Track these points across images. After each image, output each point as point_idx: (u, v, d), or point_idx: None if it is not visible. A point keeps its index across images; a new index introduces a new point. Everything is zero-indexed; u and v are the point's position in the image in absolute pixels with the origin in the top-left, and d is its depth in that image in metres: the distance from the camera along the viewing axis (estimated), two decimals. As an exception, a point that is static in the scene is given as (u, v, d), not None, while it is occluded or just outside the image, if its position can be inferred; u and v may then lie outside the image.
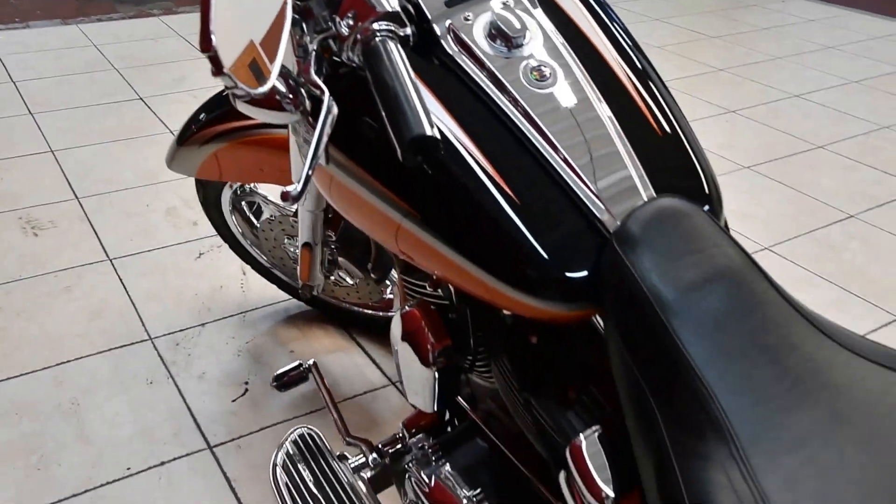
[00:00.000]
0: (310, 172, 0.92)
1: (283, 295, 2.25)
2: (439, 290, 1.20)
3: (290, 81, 0.99)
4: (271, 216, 1.91)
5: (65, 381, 1.94)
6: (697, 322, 0.80)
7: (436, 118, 0.95)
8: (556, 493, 1.11)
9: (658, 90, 1.03)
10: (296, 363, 1.57)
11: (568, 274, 0.89)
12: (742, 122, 3.55)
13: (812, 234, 2.69)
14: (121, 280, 2.32)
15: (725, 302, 0.82)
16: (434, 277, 1.20)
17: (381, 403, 1.90)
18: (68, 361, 2.00)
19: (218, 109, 1.72)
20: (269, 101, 1.02)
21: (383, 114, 0.86)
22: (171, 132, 3.21)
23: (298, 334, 2.12)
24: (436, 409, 1.17)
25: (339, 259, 1.77)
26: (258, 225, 1.98)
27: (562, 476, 0.94)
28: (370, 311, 2.08)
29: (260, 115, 1.02)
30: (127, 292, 2.26)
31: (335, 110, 0.95)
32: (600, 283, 0.88)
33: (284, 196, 0.91)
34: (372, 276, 1.71)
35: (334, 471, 1.39)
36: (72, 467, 1.71)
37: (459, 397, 1.27)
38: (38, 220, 2.60)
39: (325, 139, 0.94)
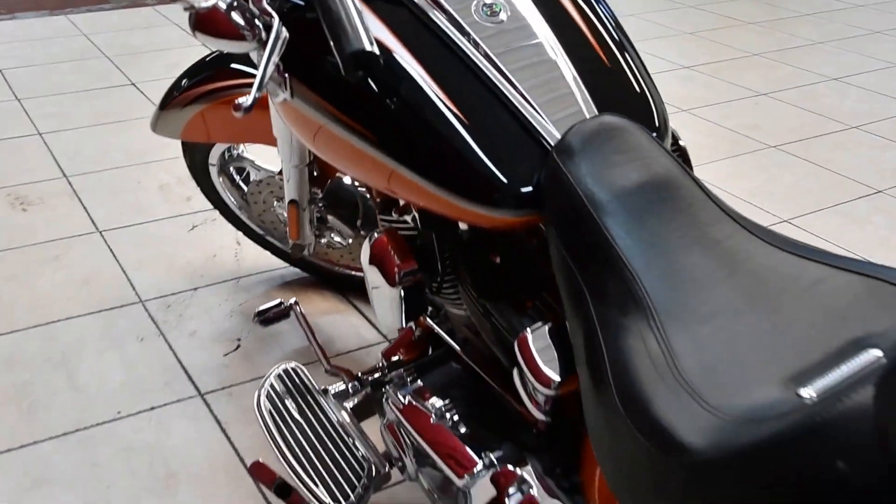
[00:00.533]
0: (258, 95, 1.18)
1: (279, 263, 2.50)
2: (406, 219, 1.45)
3: (247, 13, 1.26)
4: (259, 179, 2.17)
5: (55, 337, 2.20)
6: (627, 220, 1.03)
7: (392, 47, 1.20)
8: (518, 398, 1.34)
9: (610, 30, 1.29)
10: (277, 301, 1.81)
11: (514, 184, 1.13)
12: (772, 104, 3.79)
13: (835, 209, 2.92)
14: (111, 250, 2.58)
15: (655, 203, 1.05)
16: (401, 204, 1.46)
17: (375, 356, 2.14)
18: (59, 321, 2.26)
19: (201, 73, 2.00)
20: (228, 32, 1.29)
21: (326, 32, 1.12)
22: (164, 115, 3.49)
23: (290, 292, 2.36)
24: (403, 325, 1.42)
25: (329, 217, 2.03)
26: (247, 188, 2.24)
27: (515, 372, 1.17)
28: (359, 274, 2.32)
29: (218, 45, 1.30)
30: (117, 261, 2.53)
31: (284, 34, 1.22)
32: (543, 192, 1.12)
33: (236, 107, 1.18)
34: (361, 232, 1.96)
35: (318, 402, 1.63)
36: (62, 411, 1.96)
37: (436, 326, 1.51)
38: (27, 196, 2.88)
39: (274, 59, 1.21)
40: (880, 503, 0.66)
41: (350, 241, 2.15)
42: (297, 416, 1.61)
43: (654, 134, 1.20)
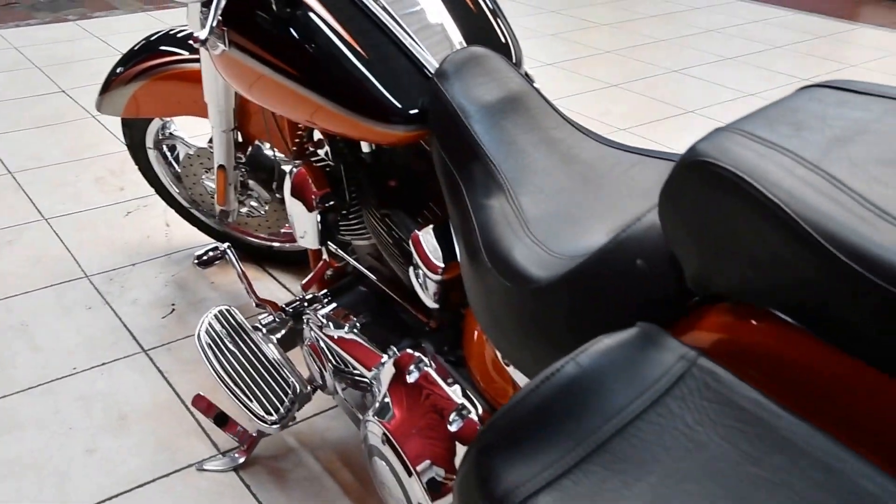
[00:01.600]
0: (213, 25, 1.36)
1: (204, 239, 2.64)
2: (320, 152, 1.64)
3: None
4: (191, 153, 2.31)
5: (13, 309, 2.31)
6: (491, 126, 1.25)
7: (309, 2, 1.38)
8: (420, 309, 1.54)
9: None
10: (213, 244, 1.96)
11: (405, 105, 1.33)
12: (621, 94, 4.06)
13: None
14: (57, 234, 2.69)
15: (512, 113, 1.27)
16: (314, 139, 1.64)
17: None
18: (15, 295, 2.37)
19: (134, 57, 2.15)
20: None
21: None
22: (93, 117, 3.57)
23: (217, 269, 2.51)
24: (319, 244, 1.59)
25: (249, 182, 2.19)
26: (180, 162, 2.38)
27: (411, 270, 1.38)
28: (278, 244, 2.48)
29: None
30: (63, 243, 2.63)
31: None
32: (427, 110, 1.32)
33: (195, 39, 1.36)
34: (277, 195, 2.12)
35: (249, 335, 1.80)
36: (25, 369, 2.08)
37: (346, 256, 1.70)
38: (-25, 191, 2.95)
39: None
40: (667, 285, 0.87)
41: (267, 207, 2.30)
42: (231, 347, 1.77)
43: (514, 61, 1.43)
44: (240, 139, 2.03)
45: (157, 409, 1.96)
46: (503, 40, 1.45)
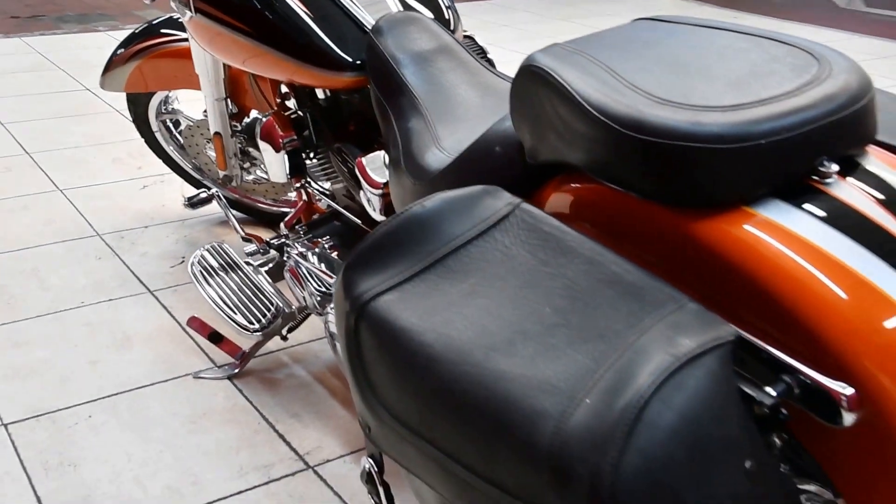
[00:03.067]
0: None
1: (216, 209, 2.99)
2: (288, 104, 2.00)
3: None
4: (191, 124, 2.68)
5: (26, 258, 2.67)
6: (417, 70, 1.65)
7: None
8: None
9: None
10: (202, 189, 2.31)
11: (349, 55, 1.74)
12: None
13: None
14: (71, 202, 3.07)
15: (437, 61, 1.68)
16: (282, 92, 2.01)
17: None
18: (28, 248, 2.74)
19: (134, 39, 2.57)
20: None
21: None
22: (117, 111, 4.00)
23: (229, 230, 2.86)
24: (288, 178, 1.96)
25: (250, 150, 2.54)
26: (181, 132, 2.76)
27: (361, 193, 1.72)
28: (286, 209, 2.82)
29: None
30: (77, 209, 3.01)
31: None
32: (367, 60, 1.71)
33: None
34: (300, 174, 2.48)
35: (238, 264, 2.14)
36: (35, 303, 2.43)
37: (318, 193, 2.05)
38: (-5, 166, 3.36)
39: None
40: (517, 165, 1.21)
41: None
42: (222, 274, 2.11)
43: (448, 27, 1.82)
44: (234, 109, 2.39)
45: (159, 333, 2.28)
46: (440, 7, 1.86)
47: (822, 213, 0.97)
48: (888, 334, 0.90)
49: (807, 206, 0.98)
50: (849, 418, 0.87)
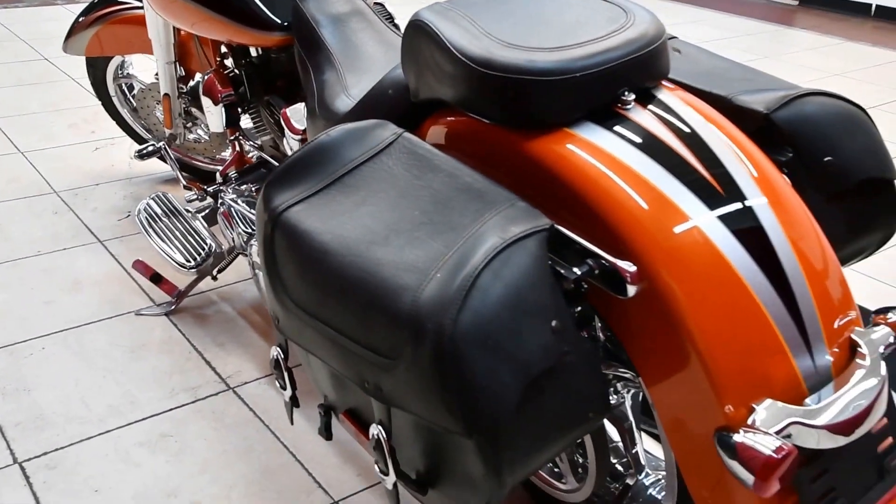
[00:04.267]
0: None
1: (162, 167, 3.15)
2: (227, 63, 2.16)
3: None
4: (143, 87, 2.83)
5: (-11, 212, 2.82)
6: (334, 30, 1.80)
7: None
8: None
9: None
10: (151, 142, 2.47)
11: (278, 17, 1.90)
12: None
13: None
14: (31, 163, 3.20)
15: (351, 22, 1.83)
16: (222, 52, 2.17)
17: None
18: (-9, 203, 2.88)
19: (95, 7, 2.69)
20: None
21: None
22: (73, 79, 4.11)
23: (172, 187, 3.02)
24: (224, 129, 2.12)
25: (192, 110, 2.70)
26: (135, 95, 2.90)
27: (284, 141, 1.89)
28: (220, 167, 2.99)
29: None
30: (36, 169, 3.15)
31: None
32: (293, 22, 1.86)
33: None
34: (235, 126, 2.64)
35: (179, 210, 2.31)
36: (-3, 252, 2.59)
37: (251, 147, 2.22)
38: (-39, 131, 3.48)
39: None
40: (406, 104, 1.40)
41: (209, 136, 2.81)
42: (164, 219, 2.29)
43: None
44: (182, 73, 2.54)
45: (106, 277, 2.46)
46: None
47: (621, 133, 1.18)
48: (664, 227, 1.09)
49: (611, 127, 1.19)
50: (631, 290, 1.07)
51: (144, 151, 2.46)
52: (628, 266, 1.07)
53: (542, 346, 1.02)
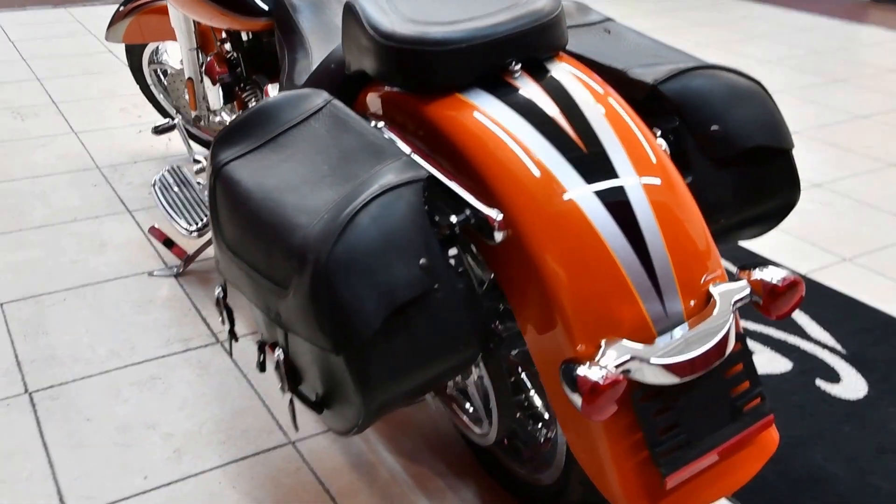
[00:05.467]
0: None
1: (195, 147, 3.32)
2: (226, 47, 2.30)
3: None
4: (174, 72, 3.00)
5: (38, 183, 3.01)
6: (309, 15, 1.92)
7: None
8: None
9: None
10: (167, 119, 2.63)
11: (261, 4, 1.99)
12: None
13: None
14: (81, 142, 3.40)
15: (326, 9, 1.94)
16: (221, 40, 2.30)
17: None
18: (41, 176, 3.08)
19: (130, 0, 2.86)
20: None
21: None
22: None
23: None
24: (222, 104, 2.26)
25: (214, 92, 2.85)
26: (167, 79, 3.07)
27: None
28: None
29: None
30: (85, 148, 3.35)
31: None
32: (274, 7, 1.99)
33: None
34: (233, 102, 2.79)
35: (191, 183, 2.46)
36: (37, 217, 2.78)
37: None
38: (24, 112, 3.70)
39: None
40: (342, 80, 1.52)
41: (233, 117, 2.96)
42: (175, 189, 2.44)
43: None
44: (204, 59, 2.69)
45: (128, 242, 2.63)
46: None
47: (504, 98, 1.28)
48: (528, 179, 1.19)
49: (495, 92, 1.29)
50: (498, 235, 1.18)
51: (162, 127, 2.62)
52: (495, 214, 1.18)
53: (407, 278, 1.13)
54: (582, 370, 1.09)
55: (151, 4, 2.79)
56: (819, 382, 2.02)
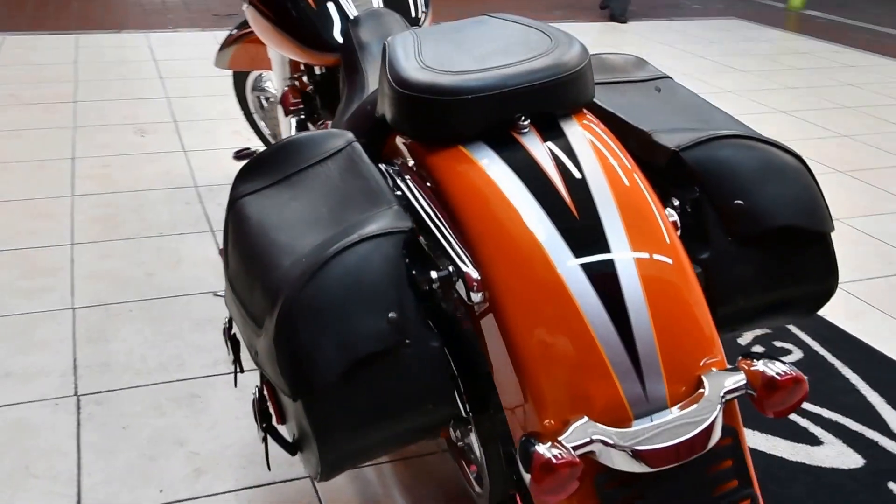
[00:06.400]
0: None
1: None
2: (304, 79, 2.34)
3: None
4: (272, 99, 3.09)
5: (138, 197, 3.17)
6: (373, 56, 1.89)
7: None
8: None
9: None
10: (248, 146, 2.70)
11: (331, 40, 2.02)
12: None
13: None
14: (188, 162, 3.55)
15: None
16: (299, 73, 2.33)
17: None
18: (142, 190, 3.23)
19: (240, 27, 2.96)
20: None
21: None
22: (253, 95, 4.48)
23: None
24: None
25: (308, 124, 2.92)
26: (267, 106, 3.17)
27: None
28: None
29: None
30: (190, 166, 3.49)
31: None
32: (343, 44, 2.00)
33: None
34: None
35: None
36: (129, 229, 2.90)
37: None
38: (146, 127, 3.90)
39: None
40: (375, 124, 1.51)
41: None
42: None
43: (411, 20, 2.06)
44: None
45: (204, 261, 2.73)
46: (409, 4, 2.09)
47: (506, 156, 1.21)
48: (511, 243, 1.13)
49: (498, 148, 1.22)
50: (475, 296, 1.13)
51: (241, 154, 2.69)
52: (473, 273, 1.13)
53: (373, 331, 1.10)
54: (540, 447, 1.03)
55: (252, 34, 2.89)
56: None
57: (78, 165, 3.44)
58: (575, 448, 1.03)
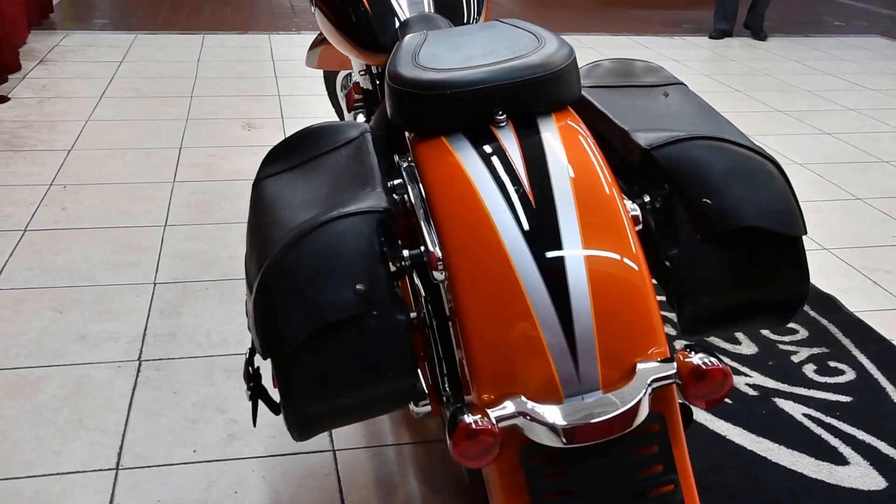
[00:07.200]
0: None
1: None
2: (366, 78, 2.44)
3: None
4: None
5: (234, 186, 3.37)
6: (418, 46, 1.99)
7: None
8: None
9: None
10: None
11: (384, 40, 2.10)
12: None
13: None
14: (287, 155, 3.74)
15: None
16: (359, 72, 2.43)
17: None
18: (238, 180, 3.43)
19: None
20: None
21: None
22: (360, 95, 4.67)
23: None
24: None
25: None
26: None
27: None
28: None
29: None
30: (287, 159, 3.68)
31: None
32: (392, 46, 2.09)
33: None
34: None
35: None
36: (221, 215, 3.10)
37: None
38: (254, 122, 4.13)
39: None
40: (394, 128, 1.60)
41: None
42: None
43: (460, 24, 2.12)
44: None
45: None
46: (462, 9, 2.16)
47: (479, 149, 1.28)
48: (469, 227, 1.21)
49: (474, 142, 1.30)
50: (436, 275, 1.22)
51: None
52: (437, 252, 1.22)
53: (340, 300, 1.19)
54: (467, 416, 1.09)
55: None
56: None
57: (184, 155, 3.69)
58: (499, 420, 1.09)
